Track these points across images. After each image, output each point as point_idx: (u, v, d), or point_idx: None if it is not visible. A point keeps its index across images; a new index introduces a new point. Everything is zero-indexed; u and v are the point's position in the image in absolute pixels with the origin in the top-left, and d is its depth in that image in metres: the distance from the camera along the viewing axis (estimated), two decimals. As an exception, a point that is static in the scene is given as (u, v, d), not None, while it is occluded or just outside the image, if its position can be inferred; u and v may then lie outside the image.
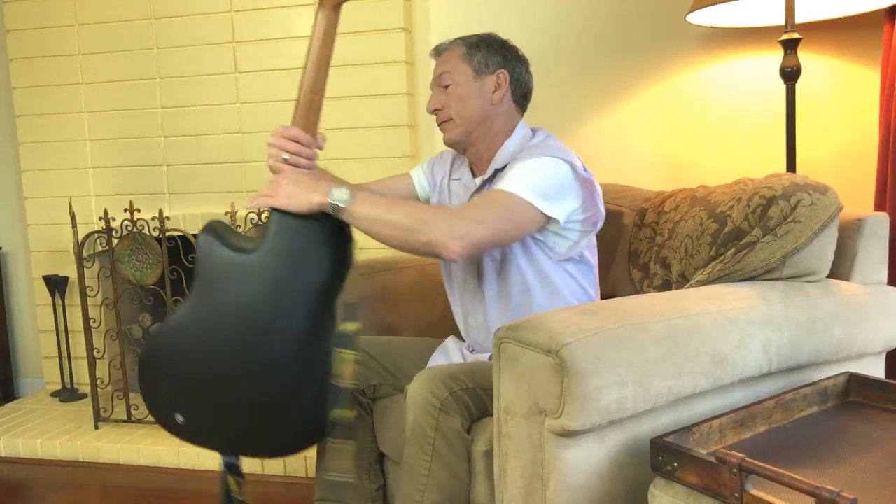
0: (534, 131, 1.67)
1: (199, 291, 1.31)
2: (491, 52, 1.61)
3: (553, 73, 2.46)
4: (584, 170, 1.54)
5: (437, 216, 1.36)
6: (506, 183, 1.45)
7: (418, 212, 1.38)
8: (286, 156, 1.42)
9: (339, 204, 1.35)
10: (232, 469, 1.51)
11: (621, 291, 1.88)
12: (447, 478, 1.39)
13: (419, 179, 1.81)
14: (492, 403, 1.39)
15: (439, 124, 1.64)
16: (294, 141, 1.43)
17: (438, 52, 1.66)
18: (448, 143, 1.66)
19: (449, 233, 1.33)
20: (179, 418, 1.33)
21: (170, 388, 1.34)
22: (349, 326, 1.44)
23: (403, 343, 1.78)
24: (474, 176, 1.69)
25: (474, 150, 1.65)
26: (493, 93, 1.60)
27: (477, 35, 1.65)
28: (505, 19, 2.48)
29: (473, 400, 1.42)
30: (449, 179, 1.76)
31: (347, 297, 1.44)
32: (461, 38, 1.64)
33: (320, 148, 1.48)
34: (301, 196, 1.36)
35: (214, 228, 1.37)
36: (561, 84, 2.46)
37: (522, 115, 1.68)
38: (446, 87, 1.60)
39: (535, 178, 1.45)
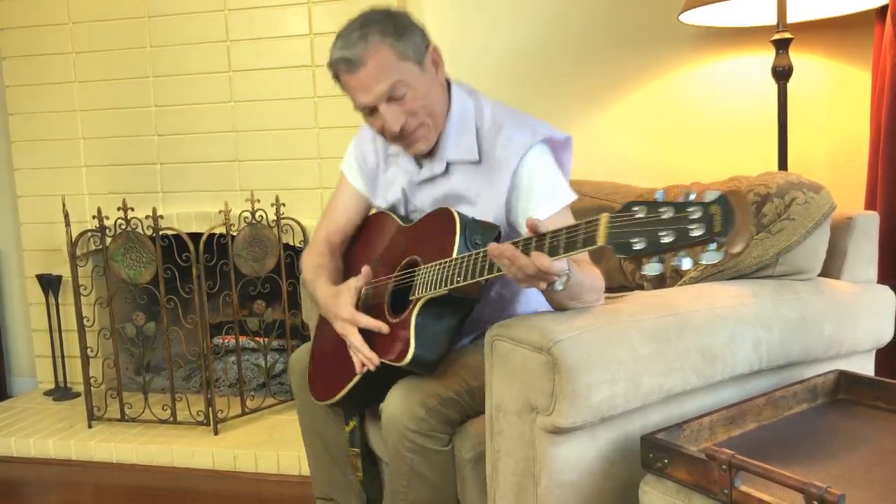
0: (470, 94, 1.46)
1: None
2: (408, 31, 1.37)
3: (546, 72, 2.46)
4: (550, 129, 1.41)
5: (601, 289, 1.29)
6: (548, 205, 1.33)
7: (597, 287, 1.28)
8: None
9: (562, 280, 1.14)
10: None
11: (614, 283, 1.89)
12: (428, 492, 1.39)
13: (357, 183, 1.62)
14: (472, 401, 1.39)
15: (406, 138, 1.39)
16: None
17: (356, 63, 1.32)
18: (420, 153, 1.44)
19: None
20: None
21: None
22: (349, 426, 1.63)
23: None
24: (417, 160, 1.50)
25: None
26: (437, 74, 1.40)
27: (374, 21, 1.34)
28: (498, 19, 2.48)
29: (455, 407, 1.38)
30: (385, 156, 1.56)
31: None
32: (367, 30, 1.33)
33: None
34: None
35: None
36: (554, 83, 2.46)
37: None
38: (401, 97, 1.35)
39: (550, 182, 1.36)
